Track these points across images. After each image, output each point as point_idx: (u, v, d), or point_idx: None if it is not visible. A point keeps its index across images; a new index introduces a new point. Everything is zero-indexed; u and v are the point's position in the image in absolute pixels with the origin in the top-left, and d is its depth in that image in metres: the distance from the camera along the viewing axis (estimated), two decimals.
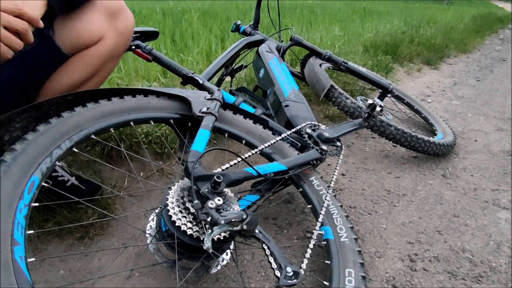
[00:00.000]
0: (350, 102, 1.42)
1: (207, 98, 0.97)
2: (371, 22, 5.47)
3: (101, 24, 0.88)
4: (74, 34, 0.85)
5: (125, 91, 0.91)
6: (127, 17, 0.94)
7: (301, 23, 4.83)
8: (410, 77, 3.04)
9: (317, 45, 3.21)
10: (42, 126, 0.73)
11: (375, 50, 3.20)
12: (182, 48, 2.98)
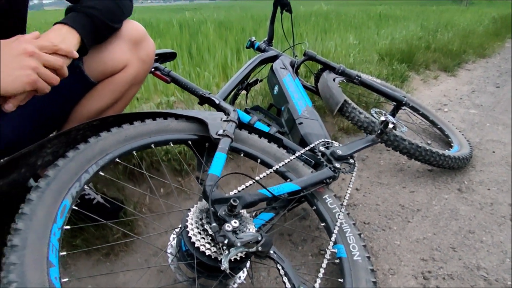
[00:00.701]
0: (363, 117, 1.43)
1: (223, 120, 1.01)
2: (387, 28, 5.44)
3: (125, 53, 0.94)
4: (101, 64, 0.92)
5: (146, 114, 0.97)
6: (148, 45, 1.00)
7: (315, 31, 4.86)
8: (426, 85, 3.01)
9: (331, 54, 3.25)
10: (71, 152, 0.79)
11: (390, 59, 3.19)
12: (199, 62, 3.06)
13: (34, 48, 0.67)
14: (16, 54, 0.65)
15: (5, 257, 0.59)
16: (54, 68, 0.71)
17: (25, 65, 0.65)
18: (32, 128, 0.96)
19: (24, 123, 0.92)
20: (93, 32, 0.82)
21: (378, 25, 6.05)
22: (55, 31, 0.75)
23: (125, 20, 0.94)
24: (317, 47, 3.23)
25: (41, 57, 0.67)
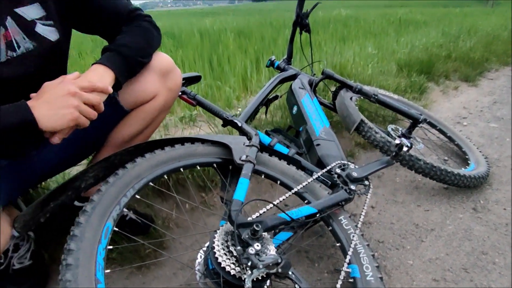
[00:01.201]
0: (379, 137, 1.49)
1: (246, 145, 1.09)
2: (407, 35, 5.41)
3: (155, 84, 1.03)
4: (134, 94, 1.02)
5: (176, 140, 1.06)
6: (176, 75, 1.10)
7: (334, 40, 4.90)
8: (446, 97, 3.01)
9: (350, 65, 3.29)
10: (112, 178, 0.88)
11: (409, 70, 3.20)
12: (219, 74, 3.16)
13: (76, 89, 0.76)
14: (61, 95, 0.74)
15: (61, 275, 0.69)
16: (93, 105, 0.80)
17: (69, 104, 0.74)
18: (73, 152, 1.07)
19: (66, 148, 1.02)
20: (126, 69, 0.92)
21: (398, 32, 6.01)
22: (93, 71, 0.85)
23: (154, 53, 1.03)
24: (335, 59, 3.27)
25: (82, 96, 0.77)
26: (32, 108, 0.70)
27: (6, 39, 0.76)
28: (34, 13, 0.82)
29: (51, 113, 0.72)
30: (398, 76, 3.14)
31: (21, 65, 0.80)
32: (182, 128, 2.00)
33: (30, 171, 0.98)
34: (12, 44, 0.78)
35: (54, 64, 0.91)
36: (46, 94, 0.74)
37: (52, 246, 1.07)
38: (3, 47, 0.76)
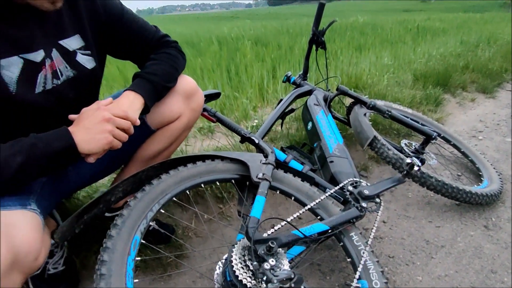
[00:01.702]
0: (392, 154, 1.53)
1: (262, 162, 1.16)
2: (424, 44, 5.38)
3: (179, 106, 1.12)
4: (160, 115, 1.10)
5: (197, 157, 1.13)
6: (199, 96, 1.18)
7: (350, 48, 4.93)
8: (462, 109, 3.00)
9: (365, 75, 3.32)
10: (140, 193, 0.97)
11: (425, 81, 3.21)
12: (237, 84, 3.25)
13: (110, 115, 0.84)
14: (97, 121, 0.83)
15: (96, 283, 0.77)
16: (124, 129, 0.88)
17: (104, 129, 0.83)
18: (104, 166, 1.17)
19: (98, 163, 1.11)
20: (154, 94, 1.01)
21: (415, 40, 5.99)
22: (125, 97, 0.94)
23: (179, 76, 1.12)
24: (350, 69, 3.31)
25: (115, 121, 0.85)
26: (72, 133, 0.79)
27: (52, 69, 0.86)
28: (75, 44, 0.91)
29: (89, 138, 0.81)
30: (413, 87, 3.15)
31: (63, 91, 0.89)
32: (201, 139, 2.08)
33: (66, 185, 1.08)
34: (57, 73, 0.87)
35: (89, 89, 1.00)
36: (84, 120, 0.82)
37: (83, 253, 1.16)
38: (49, 76, 0.85)
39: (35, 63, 0.81)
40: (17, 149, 0.71)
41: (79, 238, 1.15)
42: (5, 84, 0.76)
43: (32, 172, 0.74)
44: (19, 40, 0.78)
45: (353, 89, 3.02)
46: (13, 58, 0.77)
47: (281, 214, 1.51)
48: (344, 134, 2.03)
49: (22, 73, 0.78)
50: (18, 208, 0.73)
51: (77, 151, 0.80)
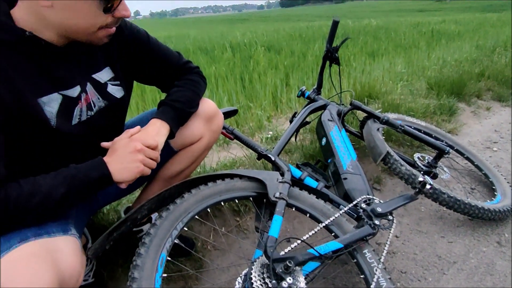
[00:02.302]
0: (404, 169, 1.56)
1: (279, 181, 1.21)
2: (439, 49, 5.35)
3: (201, 128, 1.19)
4: (182, 137, 1.17)
5: (217, 176, 1.20)
6: (219, 119, 1.25)
7: (363, 55, 4.94)
8: (477, 118, 2.99)
9: (379, 84, 3.34)
10: (165, 212, 1.03)
11: (439, 90, 3.21)
12: (250, 92, 3.31)
13: (141, 146, 0.90)
14: (130, 151, 0.89)
15: None
16: (152, 158, 0.94)
17: (136, 159, 0.89)
18: (129, 186, 1.24)
19: None
20: (178, 121, 1.08)
21: (430, 44, 5.95)
22: (152, 125, 1.01)
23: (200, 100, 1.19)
24: (364, 78, 3.34)
25: (146, 152, 0.92)
26: (107, 163, 0.86)
27: (87, 101, 0.93)
28: (106, 76, 0.99)
29: (122, 167, 0.88)
30: (427, 96, 3.16)
31: (95, 121, 0.97)
32: (217, 151, 2.15)
33: (95, 204, 1.16)
34: (91, 105, 0.94)
35: (118, 115, 1.08)
36: (117, 151, 0.89)
37: (110, 266, 1.23)
38: (84, 108, 0.92)
39: (72, 98, 0.88)
40: (60, 180, 0.78)
41: (106, 252, 1.23)
42: (47, 119, 0.83)
43: (73, 200, 0.81)
44: (59, 78, 0.85)
45: (366, 98, 3.05)
46: (54, 95, 0.84)
47: (296, 228, 1.56)
48: (357, 146, 2.07)
49: (61, 108, 0.85)
50: (61, 234, 0.80)
51: (112, 180, 0.87)
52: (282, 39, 6.55)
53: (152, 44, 1.10)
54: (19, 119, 0.77)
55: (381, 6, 48.98)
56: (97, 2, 0.76)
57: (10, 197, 0.72)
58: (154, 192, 1.27)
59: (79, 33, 0.81)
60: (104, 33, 0.84)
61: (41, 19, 0.77)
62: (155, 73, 1.13)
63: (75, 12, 0.76)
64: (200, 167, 1.85)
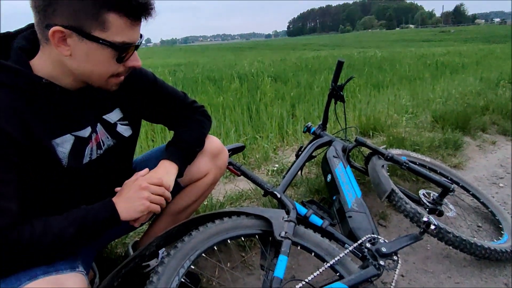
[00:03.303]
0: (409, 207, 1.57)
1: (285, 219, 1.24)
2: (443, 81, 5.43)
3: (207, 165, 1.24)
4: (189, 174, 1.22)
5: (224, 214, 1.22)
6: (224, 155, 1.30)
7: (368, 86, 5.03)
8: (482, 153, 3.00)
9: (383, 116, 3.39)
10: (173, 250, 1.06)
11: (444, 124, 3.24)
12: (257, 123, 3.38)
13: (146, 184, 0.95)
14: (135, 190, 0.93)
15: None
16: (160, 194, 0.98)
17: (141, 197, 0.93)
18: None
19: None
20: (185, 160, 1.14)
21: (434, 76, 6.04)
22: (161, 167, 1.07)
23: None
24: (369, 111, 3.40)
25: (151, 189, 0.95)
26: (116, 204, 0.90)
27: (96, 141, 0.98)
28: (115, 117, 1.04)
29: (128, 206, 0.91)
30: (432, 130, 3.19)
31: (104, 159, 1.01)
32: (223, 183, 2.19)
33: (103, 239, 1.19)
34: (100, 144, 1.00)
35: (126, 153, 1.13)
36: (124, 191, 0.94)
37: None
38: (95, 148, 0.98)
39: (84, 138, 0.93)
40: (70, 221, 0.82)
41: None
42: (59, 159, 0.88)
43: (82, 240, 0.85)
44: (72, 120, 0.91)
45: (371, 131, 3.09)
46: (66, 136, 0.89)
47: (301, 264, 1.56)
48: (362, 181, 2.09)
49: (73, 148, 0.90)
50: (68, 271, 0.82)
51: (119, 220, 0.90)
52: (289, 69, 6.71)
53: (159, 86, 1.16)
54: (32, 159, 0.82)
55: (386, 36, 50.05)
56: (111, 52, 0.83)
57: (22, 237, 0.76)
58: (161, 226, 1.31)
59: (93, 80, 0.88)
60: (115, 80, 0.91)
61: (60, 66, 0.84)
62: (162, 113, 1.20)
63: (91, 60, 0.83)
64: (207, 200, 1.88)
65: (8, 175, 0.77)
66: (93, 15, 0.77)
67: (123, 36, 0.82)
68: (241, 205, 1.95)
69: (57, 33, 0.77)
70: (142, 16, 0.84)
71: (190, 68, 8.92)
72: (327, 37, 70.20)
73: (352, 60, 7.89)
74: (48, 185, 0.89)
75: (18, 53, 0.84)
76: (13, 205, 0.78)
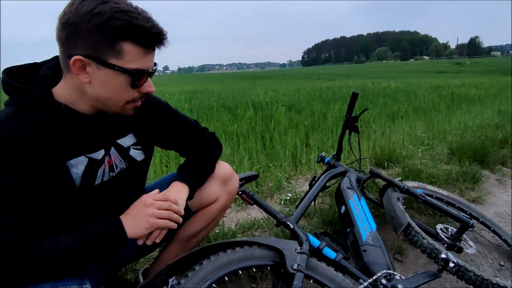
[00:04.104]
0: (426, 243, 1.52)
1: (297, 251, 1.21)
2: (459, 113, 5.38)
3: (217, 190, 1.25)
4: (200, 198, 1.23)
5: (236, 243, 1.21)
6: (234, 181, 1.31)
7: (383, 117, 5.01)
8: (502, 187, 2.91)
9: (399, 147, 3.35)
10: (183, 280, 1.04)
11: (461, 156, 3.18)
12: (270, 151, 3.39)
13: (151, 201, 0.97)
14: (140, 207, 0.96)
15: None
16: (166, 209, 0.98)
17: (146, 214, 0.94)
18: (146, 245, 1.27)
19: None
20: (196, 183, 1.17)
21: (450, 108, 5.99)
22: (172, 187, 1.10)
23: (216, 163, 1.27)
24: (383, 141, 3.38)
25: (156, 204, 0.97)
26: (123, 222, 0.92)
27: (109, 164, 1.02)
28: (129, 141, 1.08)
29: (133, 224, 0.93)
30: (449, 162, 3.13)
31: (116, 181, 1.04)
32: (235, 211, 2.17)
33: (111, 264, 1.19)
34: (113, 166, 1.03)
35: (138, 176, 1.16)
36: (131, 209, 0.96)
37: None
38: (107, 170, 1.01)
39: (97, 160, 0.97)
40: (77, 236, 0.85)
41: None
42: (72, 179, 0.92)
43: (89, 256, 0.87)
44: (87, 142, 0.95)
45: (386, 162, 3.06)
46: (81, 157, 0.94)
47: None
48: (377, 213, 2.05)
49: (86, 170, 0.95)
50: (75, 286, 0.83)
51: (125, 236, 0.91)
52: (303, 98, 6.78)
53: (172, 113, 1.21)
54: (47, 178, 0.86)
55: (400, 67, 50.34)
56: (126, 78, 0.88)
57: (30, 251, 0.79)
58: (171, 253, 1.31)
59: (109, 105, 0.93)
60: (131, 106, 0.96)
61: (79, 93, 0.90)
62: (174, 139, 1.24)
63: (108, 86, 0.88)
64: (219, 228, 1.87)
65: (21, 192, 0.82)
66: (110, 44, 0.83)
67: (137, 64, 0.87)
68: (253, 234, 1.92)
69: (77, 61, 0.83)
70: (155, 45, 0.89)
71: (205, 96, 9.12)
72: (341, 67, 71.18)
73: (367, 90, 7.92)
74: (60, 204, 0.92)
75: (41, 80, 0.91)
76: (23, 221, 0.81)
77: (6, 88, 0.88)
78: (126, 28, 0.82)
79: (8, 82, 0.87)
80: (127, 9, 0.83)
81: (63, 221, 0.93)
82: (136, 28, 0.83)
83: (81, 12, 0.80)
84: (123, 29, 0.82)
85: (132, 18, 0.82)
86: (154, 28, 0.86)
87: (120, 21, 0.81)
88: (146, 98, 1.12)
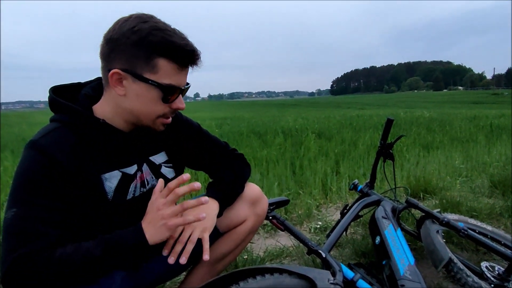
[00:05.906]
0: (471, 281, 1.41)
1: (330, 282, 1.15)
2: (500, 145, 5.10)
3: (245, 211, 1.24)
4: (228, 219, 1.22)
5: (265, 270, 1.17)
6: (263, 202, 1.29)
7: (417, 146, 4.84)
8: None
9: (435, 178, 3.20)
10: None
11: (505, 190, 2.98)
12: (300, 178, 3.34)
13: (160, 203, 0.91)
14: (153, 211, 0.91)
15: None
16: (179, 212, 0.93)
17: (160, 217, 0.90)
18: (175, 266, 1.25)
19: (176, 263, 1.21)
20: (226, 201, 1.16)
21: (489, 139, 5.70)
22: None
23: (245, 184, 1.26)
24: (418, 172, 3.24)
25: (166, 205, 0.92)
26: (144, 229, 0.90)
27: (141, 179, 1.04)
28: (160, 159, 1.11)
29: (153, 231, 0.90)
30: (491, 196, 2.94)
31: (147, 197, 1.04)
32: (264, 237, 2.13)
33: (140, 281, 1.18)
34: (144, 182, 1.05)
35: None
36: (148, 215, 0.93)
37: None
38: (139, 185, 1.03)
39: (130, 175, 1.00)
40: (98, 242, 0.85)
41: None
42: (106, 192, 0.94)
43: (110, 261, 0.86)
44: (121, 157, 0.98)
45: (421, 193, 2.92)
46: (114, 172, 0.96)
47: None
48: (413, 247, 1.93)
49: (119, 184, 0.97)
50: None
51: (147, 243, 0.89)
52: (333, 126, 6.71)
53: (203, 135, 1.24)
54: (81, 190, 0.89)
55: (432, 97, 49.08)
56: (158, 93, 0.92)
57: (53, 256, 0.80)
58: (198, 277, 1.28)
59: (142, 119, 0.96)
60: (162, 121, 0.99)
61: (115, 108, 0.94)
62: (205, 160, 1.25)
63: (141, 99, 0.91)
64: (247, 254, 1.83)
65: (54, 202, 0.84)
66: (145, 59, 0.87)
67: (170, 79, 0.91)
68: (282, 262, 1.86)
69: (115, 74, 0.88)
70: (189, 63, 0.93)
71: (235, 122, 9.27)
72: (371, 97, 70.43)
73: (399, 119, 7.74)
74: (92, 216, 0.94)
75: (83, 98, 0.97)
76: (51, 231, 0.83)
77: (52, 105, 0.94)
78: (161, 44, 0.87)
79: (55, 99, 0.93)
80: (164, 28, 0.88)
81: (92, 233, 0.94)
82: (170, 45, 0.87)
83: (123, 29, 0.87)
84: (158, 45, 0.87)
85: (167, 36, 0.87)
86: (188, 46, 0.90)
87: (156, 38, 0.86)
88: (179, 119, 1.16)
